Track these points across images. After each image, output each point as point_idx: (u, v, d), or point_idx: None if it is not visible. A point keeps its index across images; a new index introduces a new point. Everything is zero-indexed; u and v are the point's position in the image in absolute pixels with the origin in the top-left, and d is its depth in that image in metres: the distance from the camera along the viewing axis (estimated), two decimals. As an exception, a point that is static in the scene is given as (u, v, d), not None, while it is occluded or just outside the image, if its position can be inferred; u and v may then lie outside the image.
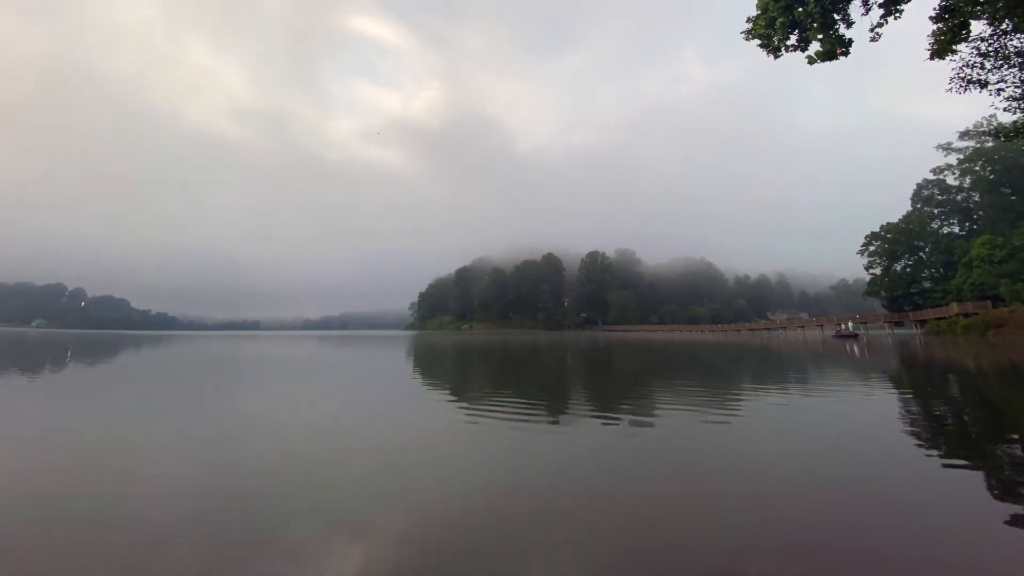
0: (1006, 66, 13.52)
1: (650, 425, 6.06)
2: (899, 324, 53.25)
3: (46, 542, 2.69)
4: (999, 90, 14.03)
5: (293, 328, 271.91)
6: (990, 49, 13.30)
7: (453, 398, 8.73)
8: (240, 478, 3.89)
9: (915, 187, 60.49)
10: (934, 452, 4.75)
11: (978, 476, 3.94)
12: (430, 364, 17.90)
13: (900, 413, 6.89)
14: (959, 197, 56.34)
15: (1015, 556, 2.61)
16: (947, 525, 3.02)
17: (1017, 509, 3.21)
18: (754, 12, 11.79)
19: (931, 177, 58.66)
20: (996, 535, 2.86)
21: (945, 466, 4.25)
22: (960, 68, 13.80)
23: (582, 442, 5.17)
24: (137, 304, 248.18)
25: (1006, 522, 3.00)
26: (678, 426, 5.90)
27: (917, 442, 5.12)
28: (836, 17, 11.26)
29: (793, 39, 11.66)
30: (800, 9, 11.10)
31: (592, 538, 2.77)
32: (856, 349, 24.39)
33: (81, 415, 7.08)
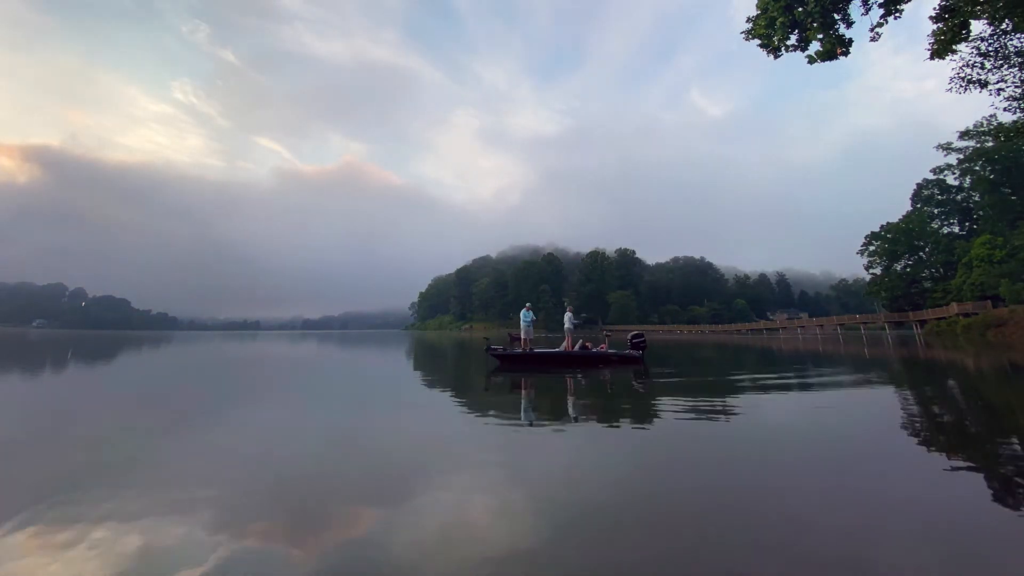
0: (1006, 66, 13.54)
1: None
2: (899, 324, 53.23)
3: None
4: (999, 90, 14.06)
5: (293, 328, 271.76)
6: (990, 49, 13.32)
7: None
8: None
9: (915, 187, 60.52)
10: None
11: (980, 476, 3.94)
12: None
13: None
14: (959, 197, 56.33)
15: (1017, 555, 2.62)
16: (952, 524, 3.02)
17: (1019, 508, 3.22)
18: (754, 12, 11.80)
19: (931, 177, 58.70)
20: (1002, 534, 2.86)
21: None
22: (960, 68, 13.82)
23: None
24: (137, 304, 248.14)
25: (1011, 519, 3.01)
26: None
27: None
28: (836, 17, 11.27)
29: (793, 39, 11.67)
30: (800, 9, 11.11)
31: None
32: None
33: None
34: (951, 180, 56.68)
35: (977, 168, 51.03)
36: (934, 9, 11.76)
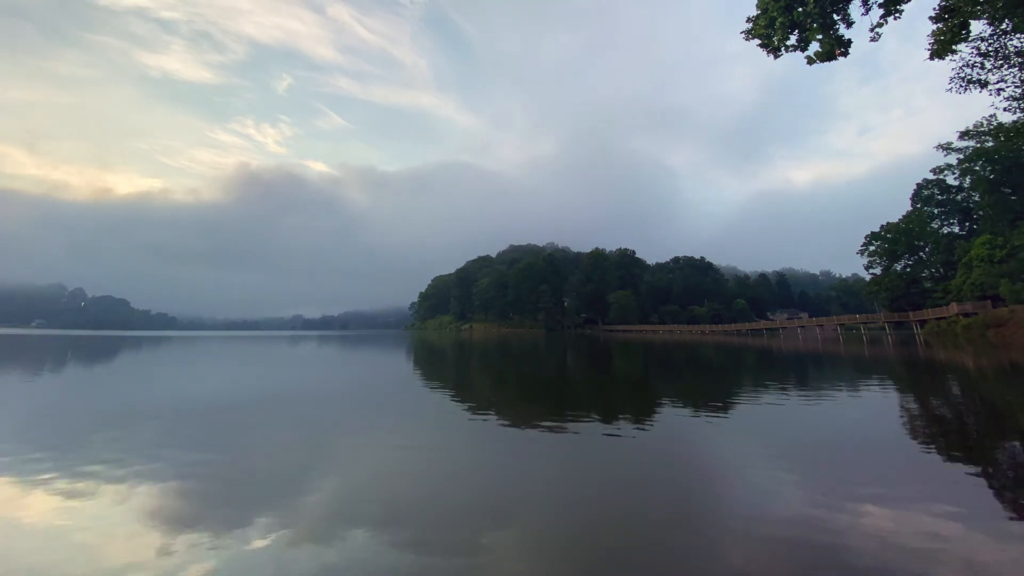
0: (1006, 66, 13.52)
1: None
2: (899, 324, 53.19)
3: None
4: (999, 90, 14.05)
5: (293, 328, 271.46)
6: (990, 49, 13.31)
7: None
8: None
9: (915, 187, 60.44)
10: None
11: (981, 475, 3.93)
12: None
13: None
14: (959, 197, 56.28)
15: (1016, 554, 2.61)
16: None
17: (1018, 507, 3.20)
18: (754, 12, 11.78)
19: (931, 177, 58.63)
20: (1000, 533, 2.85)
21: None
22: (960, 68, 13.81)
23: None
24: (136, 304, 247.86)
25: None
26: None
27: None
28: (836, 17, 11.23)
29: (793, 39, 11.63)
30: (800, 9, 11.08)
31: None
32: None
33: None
34: (951, 180, 56.62)
35: (977, 168, 50.93)
36: (934, 9, 11.73)
